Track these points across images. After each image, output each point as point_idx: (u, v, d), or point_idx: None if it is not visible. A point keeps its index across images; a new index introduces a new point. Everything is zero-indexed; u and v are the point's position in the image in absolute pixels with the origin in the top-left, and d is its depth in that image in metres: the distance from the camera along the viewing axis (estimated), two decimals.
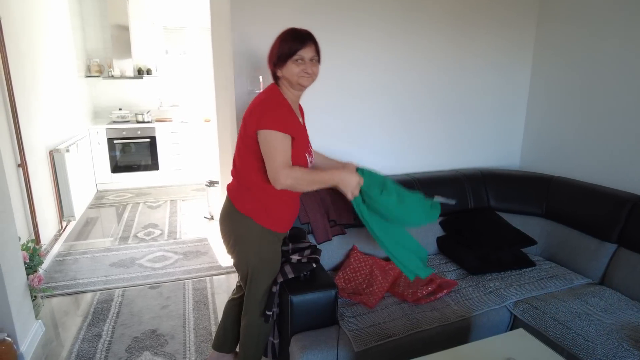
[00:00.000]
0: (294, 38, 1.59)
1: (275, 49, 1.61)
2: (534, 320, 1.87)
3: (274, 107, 1.59)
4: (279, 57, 1.59)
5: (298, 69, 1.58)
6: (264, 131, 1.54)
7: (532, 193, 2.57)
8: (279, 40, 1.62)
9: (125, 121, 5.32)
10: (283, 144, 1.55)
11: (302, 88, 1.66)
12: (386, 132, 2.65)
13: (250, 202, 1.67)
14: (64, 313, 2.64)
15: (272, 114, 1.56)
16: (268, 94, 1.65)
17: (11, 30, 2.92)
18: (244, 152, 1.65)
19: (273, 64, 1.62)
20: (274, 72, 1.65)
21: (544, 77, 2.84)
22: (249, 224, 1.67)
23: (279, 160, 1.53)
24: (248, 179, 1.67)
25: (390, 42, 2.51)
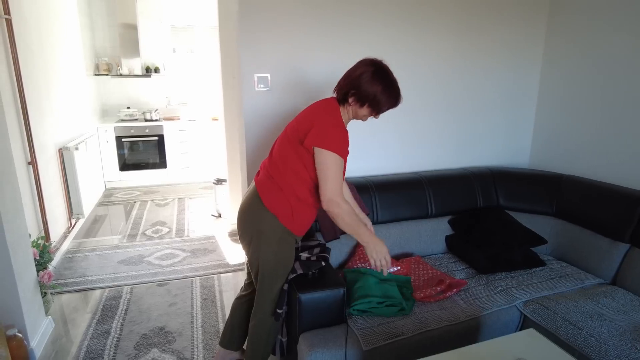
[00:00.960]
0: (396, 99, 1.67)
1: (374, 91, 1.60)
2: (544, 320, 1.85)
3: (337, 130, 1.63)
4: (371, 100, 1.62)
5: (369, 114, 1.69)
6: (326, 152, 1.57)
7: (543, 192, 2.55)
8: (385, 87, 1.62)
9: (134, 119, 5.35)
10: (340, 168, 1.62)
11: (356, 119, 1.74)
12: (393, 130, 2.63)
13: (280, 201, 1.67)
14: (73, 309, 2.66)
15: (337, 137, 1.60)
16: (332, 112, 1.67)
17: (22, 30, 2.95)
18: (291, 156, 1.66)
19: (358, 96, 1.62)
20: (346, 97, 1.65)
21: (555, 73, 2.80)
22: (272, 222, 1.68)
23: (337, 188, 1.60)
24: (284, 180, 1.68)
25: (398, 38, 2.49)
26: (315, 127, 1.60)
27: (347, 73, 1.67)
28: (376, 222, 2.34)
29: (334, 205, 1.59)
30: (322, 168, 1.59)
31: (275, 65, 2.25)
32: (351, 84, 1.63)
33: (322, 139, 1.58)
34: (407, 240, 2.40)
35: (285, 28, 2.22)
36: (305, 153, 1.63)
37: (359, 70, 1.63)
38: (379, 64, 1.64)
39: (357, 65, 1.66)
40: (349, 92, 1.63)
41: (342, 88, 1.67)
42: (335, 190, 1.59)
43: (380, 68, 1.63)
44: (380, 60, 1.65)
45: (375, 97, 1.62)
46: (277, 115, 2.31)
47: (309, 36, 2.29)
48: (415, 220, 2.44)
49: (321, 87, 2.38)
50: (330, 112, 1.67)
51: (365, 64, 1.64)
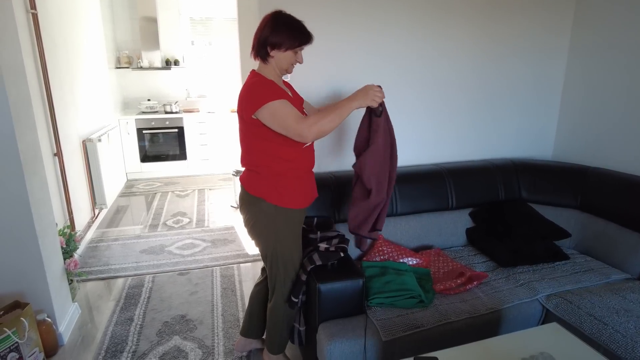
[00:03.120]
0: (306, 33, 1.66)
1: (282, 35, 1.62)
2: (567, 314, 1.81)
3: (258, 86, 1.62)
4: (283, 44, 1.62)
5: (293, 59, 1.68)
6: (261, 109, 1.56)
7: (567, 184, 2.49)
8: (288, 28, 1.63)
9: (154, 112, 5.42)
10: (286, 107, 1.59)
11: (286, 73, 1.74)
12: (413, 121, 2.60)
13: (260, 184, 1.71)
14: (97, 297, 2.73)
15: (259, 92, 1.60)
16: (251, 79, 1.68)
17: (47, 24, 3.01)
18: (248, 140, 1.70)
19: (272, 45, 1.62)
20: (267, 53, 1.64)
21: (581, 63, 2.71)
22: (262, 205, 1.71)
23: (294, 119, 1.57)
24: (255, 163, 1.71)
25: (418, 30, 2.45)
26: (243, 100, 1.63)
27: (256, 32, 1.67)
28: (396, 214, 2.32)
29: (306, 131, 1.55)
30: (273, 121, 1.58)
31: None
32: (261, 37, 1.63)
33: (252, 103, 1.59)
34: (427, 233, 2.38)
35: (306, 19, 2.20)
36: (254, 128, 1.64)
37: (264, 23, 1.64)
38: (277, 12, 1.66)
39: (261, 21, 1.67)
40: (263, 44, 1.63)
41: (255, 46, 1.66)
42: (296, 123, 1.55)
43: (279, 14, 1.65)
44: (278, 10, 1.66)
45: (284, 39, 1.62)
46: None
47: (328, 26, 2.27)
48: (436, 213, 2.42)
49: (338, 76, 2.36)
50: (250, 79, 1.68)
51: (266, 16, 1.65)
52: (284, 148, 1.66)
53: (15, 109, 1.91)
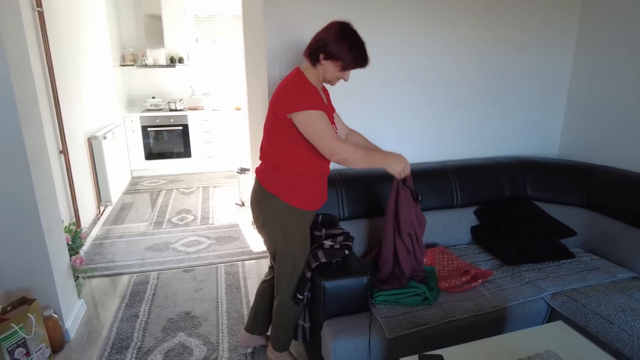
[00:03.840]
0: (365, 57, 1.66)
1: (342, 50, 1.60)
2: (573, 313, 1.81)
3: (301, 88, 1.63)
4: (339, 59, 1.62)
5: (339, 74, 1.67)
6: (300, 113, 1.58)
7: (573, 182, 2.47)
8: (351, 46, 1.61)
9: (159, 109, 5.44)
10: (323, 119, 1.60)
11: (327, 83, 1.75)
12: (418, 119, 2.59)
13: (276, 180, 1.71)
14: (103, 293, 2.75)
15: (301, 95, 1.60)
16: (293, 78, 1.67)
17: (53, 22, 3.02)
18: (273, 135, 1.69)
19: (327, 54, 1.62)
20: (318, 58, 1.64)
21: (588, 60, 2.69)
22: (275, 202, 1.71)
23: (330, 136, 1.59)
24: (274, 159, 1.71)
25: (423, 27, 2.44)
26: (280, 96, 1.62)
27: (318, 33, 1.66)
28: None
29: (338, 154, 1.59)
30: (308, 129, 1.59)
31: (300, 54, 2.23)
32: (322, 41, 1.62)
33: (291, 103, 1.58)
34: (432, 230, 2.37)
35: (310, 17, 2.20)
36: (283, 126, 1.63)
37: (328, 29, 1.63)
38: (346, 23, 1.64)
39: (327, 25, 1.66)
40: (319, 49, 1.62)
41: (313, 47, 1.65)
42: (332, 141, 1.58)
43: (347, 27, 1.63)
44: (348, 22, 1.65)
45: (343, 54, 1.61)
46: None
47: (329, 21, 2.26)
48: (441, 210, 2.41)
49: None
50: (293, 77, 1.67)
51: (334, 23, 1.64)
52: (306, 152, 1.67)
53: (22, 106, 1.92)
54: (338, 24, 1.63)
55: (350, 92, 2.39)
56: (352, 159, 1.62)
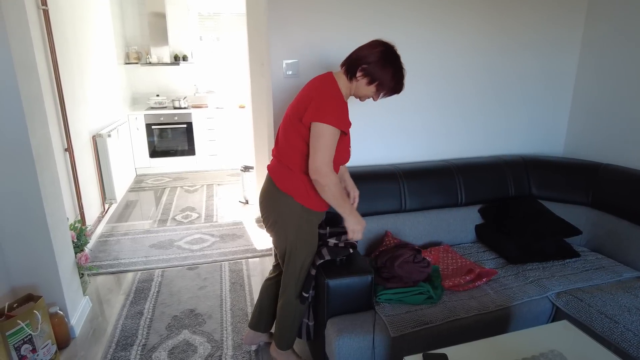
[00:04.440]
0: (401, 86, 1.67)
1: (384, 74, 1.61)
2: (578, 312, 1.80)
3: (333, 100, 1.61)
4: (376, 81, 1.62)
5: (371, 95, 1.68)
6: (321, 124, 1.56)
7: (578, 181, 2.46)
8: (395, 71, 1.62)
9: (163, 107, 5.45)
10: (333, 139, 1.59)
11: (356, 98, 1.75)
12: (422, 117, 2.58)
13: (291, 181, 1.71)
14: (108, 291, 2.77)
15: (333, 108, 1.59)
16: (328, 86, 1.66)
17: (58, 20, 3.03)
18: (293, 135, 1.67)
19: (366, 73, 1.61)
20: (355, 74, 1.63)
21: (594, 57, 2.67)
22: (289, 202, 1.71)
23: (327, 158, 1.59)
24: (291, 160, 1.70)
25: (427, 23, 2.43)
26: (313, 102, 1.60)
27: (361, 48, 1.65)
28: (404, 211, 2.32)
29: (322, 175, 1.58)
30: (314, 138, 1.59)
31: (304, 52, 2.23)
32: (365, 58, 1.61)
33: (318, 112, 1.57)
34: (436, 229, 2.37)
35: (314, 15, 2.20)
36: (305, 130, 1.63)
37: (374, 48, 1.62)
38: (391, 46, 1.64)
39: (373, 43, 1.64)
40: (360, 66, 1.61)
41: (353, 61, 1.64)
42: (325, 160, 1.58)
43: (392, 51, 1.63)
44: (392, 44, 1.65)
45: (383, 78, 1.61)
46: None
47: (338, 23, 2.26)
48: (445, 209, 2.40)
49: None
50: (328, 86, 1.66)
51: (380, 44, 1.63)
52: None
53: (27, 104, 1.93)
54: (384, 45, 1.62)
55: None
56: (327, 189, 1.61)
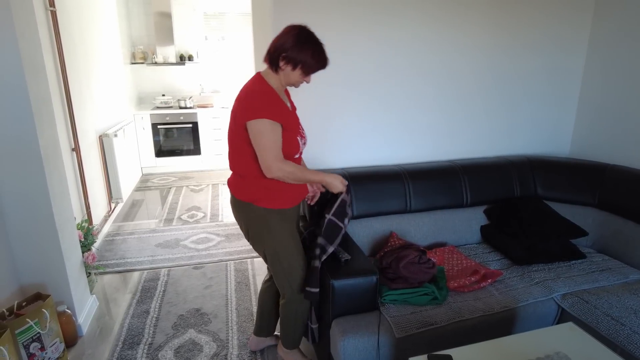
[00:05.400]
0: (325, 60, 1.66)
1: (302, 55, 1.59)
2: (584, 314, 1.79)
3: (260, 95, 1.62)
4: (299, 62, 1.60)
5: (302, 79, 1.67)
6: (253, 121, 1.56)
7: (584, 182, 2.45)
8: (312, 51, 1.61)
9: (168, 107, 5.48)
10: (274, 133, 1.59)
11: (291, 86, 1.74)
12: (427, 117, 2.58)
13: (246, 188, 1.72)
14: (114, 290, 2.79)
15: (260, 103, 1.59)
16: (254, 85, 1.66)
17: (65, 21, 3.05)
18: (236, 141, 1.67)
19: (287, 60, 1.60)
20: (279, 64, 1.62)
21: (602, 54, 2.64)
22: (252, 209, 1.72)
23: (272, 152, 1.58)
24: (241, 167, 1.71)
25: (431, 23, 2.42)
26: (242, 103, 1.61)
27: (276, 38, 1.64)
28: (409, 211, 2.32)
29: (276, 170, 1.58)
30: (255, 138, 1.58)
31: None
32: (282, 46, 1.59)
33: (248, 110, 1.57)
34: (441, 230, 2.37)
35: (318, 15, 2.20)
36: (243, 133, 1.62)
37: (287, 34, 1.61)
38: (303, 27, 1.63)
39: (285, 30, 1.63)
40: (280, 55, 1.60)
41: (272, 53, 1.63)
42: (272, 156, 1.57)
43: (305, 31, 1.62)
44: (304, 25, 1.64)
45: (305, 58, 1.60)
46: (309, 103, 2.31)
47: (343, 23, 2.26)
48: (450, 210, 2.40)
49: (354, 74, 2.35)
50: (256, 84, 1.66)
51: (292, 28, 1.62)
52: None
53: (36, 105, 1.95)
54: (295, 28, 1.62)
55: (359, 89, 2.38)
56: (288, 178, 1.63)
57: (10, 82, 1.85)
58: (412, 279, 1.85)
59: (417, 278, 1.86)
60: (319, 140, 2.37)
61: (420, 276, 1.86)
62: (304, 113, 2.31)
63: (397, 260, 1.89)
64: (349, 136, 2.44)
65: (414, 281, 1.86)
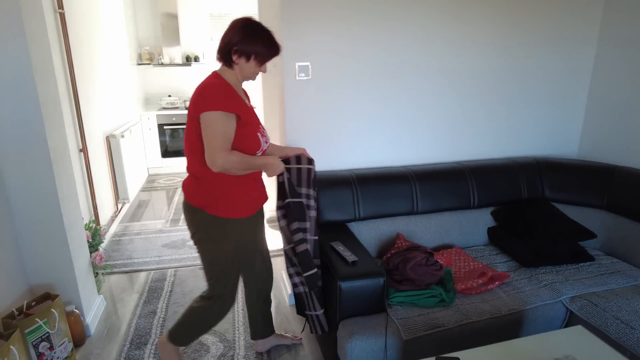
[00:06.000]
0: (276, 46, 1.66)
1: (252, 45, 1.60)
2: (592, 317, 1.78)
3: (216, 88, 1.59)
4: (251, 55, 1.61)
5: (257, 69, 1.66)
6: (205, 113, 1.53)
7: (593, 183, 2.43)
8: (260, 39, 1.62)
9: (175, 107, 5.50)
10: (225, 125, 1.55)
11: (249, 80, 1.73)
12: (434, 118, 2.57)
13: (200, 193, 1.67)
14: (121, 290, 2.80)
15: (215, 95, 1.56)
16: (210, 79, 1.65)
17: (73, 22, 3.07)
18: (193, 141, 1.62)
19: (239, 53, 1.61)
20: (232, 59, 1.62)
21: (613, 53, 2.62)
22: (203, 216, 1.67)
23: (219, 143, 1.53)
24: (197, 168, 1.65)
25: (440, 25, 2.41)
26: (197, 98, 1.58)
27: (224, 35, 1.64)
28: (416, 212, 2.31)
29: (221, 161, 1.53)
30: (205, 129, 1.54)
31: (316, 54, 2.24)
32: (231, 41, 1.60)
33: (202, 103, 1.54)
34: (448, 231, 2.37)
35: (327, 17, 2.20)
36: (200, 129, 1.58)
37: (234, 28, 1.61)
38: (248, 19, 1.63)
39: (231, 25, 1.64)
40: (232, 50, 1.60)
41: (223, 49, 1.63)
42: (217, 146, 1.52)
43: (251, 22, 1.63)
44: (249, 17, 1.65)
45: (257, 49, 1.61)
46: (317, 104, 2.31)
47: (350, 25, 2.26)
48: (457, 211, 2.40)
49: (361, 76, 2.35)
50: (211, 79, 1.65)
51: (238, 21, 1.63)
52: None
53: (45, 107, 1.96)
54: (241, 21, 1.62)
55: (366, 90, 2.38)
56: (235, 169, 1.60)
57: (21, 84, 1.86)
58: (419, 280, 1.85)
59: (424, 280, 1.85)
60: (326, 142, 2.38)
61: (428, 278, 1.86)
62: (310, 115, 2.32)
63: (405, 262, 1.89)
64: (355, 138, 2.44)
65: (421, 283, 1.85)
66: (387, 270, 1.95)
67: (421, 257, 1.89)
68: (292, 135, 2.33)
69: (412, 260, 1.88)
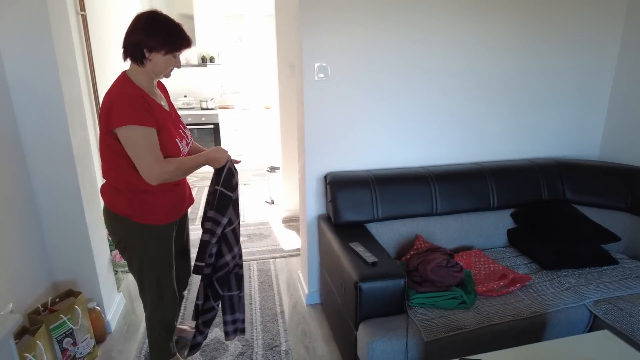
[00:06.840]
0: (186, 37, 1.60)
1: (161, 38, 1.54)
2: (618, 321, 1.75)
3: (128, 100, 1.50)
4: (163, 48, 1.54)
5: (172, 63, 1.60)
6: (123, 128, 1.47)
7: (615, 185, 2.39)
8: (168, 31, 1.56)
9: (190, 108, 5.55)
10: (149, 138, 1.50)
11: (162, 77, 1.67)
12: (453, 119, 2.55)
13: (122, 201, 1.63)
14: None
15: (128, 108, 1.48)
16: (120, 88, 1.55)
17: (94, 24, 3.12)
18: (107, 152, 1.58)
19: (149, 48, 1.54)
20: (143, 55, 1.55)
21: (636, 55, 2.57)
22: (127, 224, 1.65)
23: (150, 157, 1.50)
24: (115, 178, 1.62)
25: (459, 25, 2.39)
26: (107, 109, 1.49)
27: (128, 34, 1.58)
28: (435, 214, 2.30)
29: (158, 174, 1.50)
30: (128, 147, 1.49)
31: (335, 55, 2.24)
32: (138, 38, 1.53)
33: (116, 117, 1.46)
34: (467, 233, 2.35)
35: (346, 18, 2.20)
36: (113, 141, 1.52)
37: (137, 25, 1.56)
38: (154, 12, 1.58)
39: (132, 22, 1.58)
40: (140, 46, 1.54)
41: (130, 48, 1.56)
42: (150, 162, 1.49)
43: (155, 15, 1.57)
44: (154, 9, 1.59)
45: (166, 42, 1.54)
46: (335, 104, 2.31)
47: (367, 29, 2.24)
48: (477, 213, 2.38)
49: (380, 77, 2.35)
50: (117, 86, 1.56)
51: (140, 17, 1.57)
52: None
53: (69, 107, 2.00)
54: (143, 17, 1.56)
55: (383, 91, 2.37)
56: (176, 176, 1.57)
57: (48, 84, 1.90)
58: (439, 282, 1.84)
59: (445, 282, 1.84)
60: (344, 142, 2.37)
61: (448, 280, 1.85)
62: (329, 115, 2.32)
63: (425, 263, 1.88)
64: (373, 138, 2.43)
65: (442, 285, 1.84)
66: (407, 272, 1.95)
67: (441, 259, 1.88)
68: (311, 135, 2.33)
69: (432, 262, 1.87)
